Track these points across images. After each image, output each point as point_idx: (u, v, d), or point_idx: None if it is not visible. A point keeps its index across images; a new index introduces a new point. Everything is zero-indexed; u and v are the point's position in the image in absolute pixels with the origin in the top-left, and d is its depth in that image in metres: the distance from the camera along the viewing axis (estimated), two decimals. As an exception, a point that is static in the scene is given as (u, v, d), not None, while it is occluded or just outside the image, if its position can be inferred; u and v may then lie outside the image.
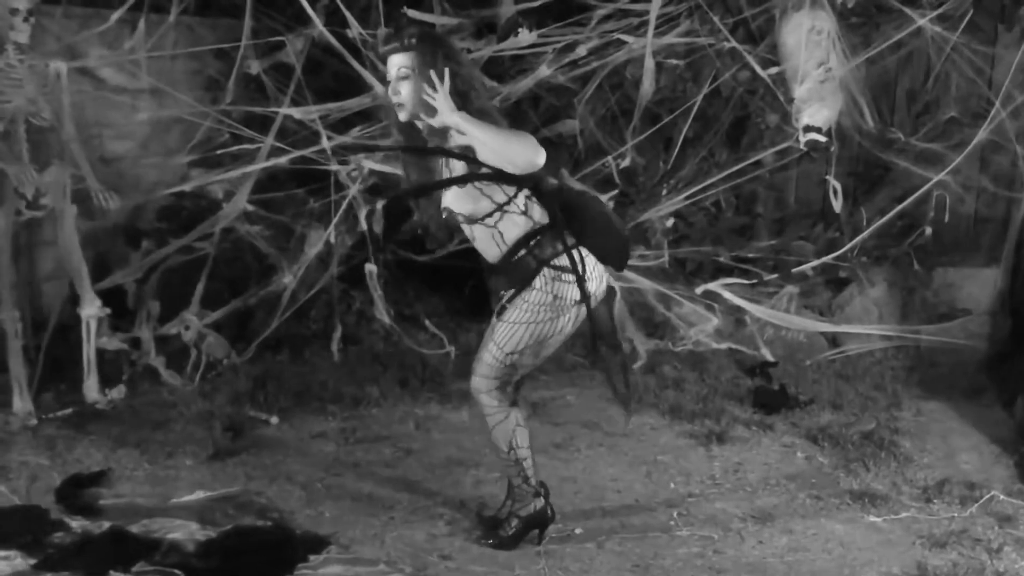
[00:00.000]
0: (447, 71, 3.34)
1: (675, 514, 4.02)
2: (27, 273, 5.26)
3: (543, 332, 3.52)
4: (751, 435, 4.89)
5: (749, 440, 4.83)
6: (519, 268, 3.54)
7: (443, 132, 3.44)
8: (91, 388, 5.04)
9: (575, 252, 3.47)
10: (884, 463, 4.48)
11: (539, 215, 3.51)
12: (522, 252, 3.51)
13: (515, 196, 3.46)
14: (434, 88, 3.32)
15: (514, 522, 3.74)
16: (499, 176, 3.38)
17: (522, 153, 3.30)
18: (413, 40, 3.41)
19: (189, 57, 6.09)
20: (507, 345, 3.53)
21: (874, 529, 3.91)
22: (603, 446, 4.75)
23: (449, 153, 3.46)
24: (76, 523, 3.70)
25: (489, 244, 3.55)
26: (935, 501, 4.15)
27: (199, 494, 4.04)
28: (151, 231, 5.74)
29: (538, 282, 3.51)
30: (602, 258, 3.61)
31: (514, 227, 3.50)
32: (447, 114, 3.31)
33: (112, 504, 3.92)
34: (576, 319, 3.57)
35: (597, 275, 3.59)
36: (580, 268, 3.47)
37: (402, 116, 3.48)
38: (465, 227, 3.61)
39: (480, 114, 3.38)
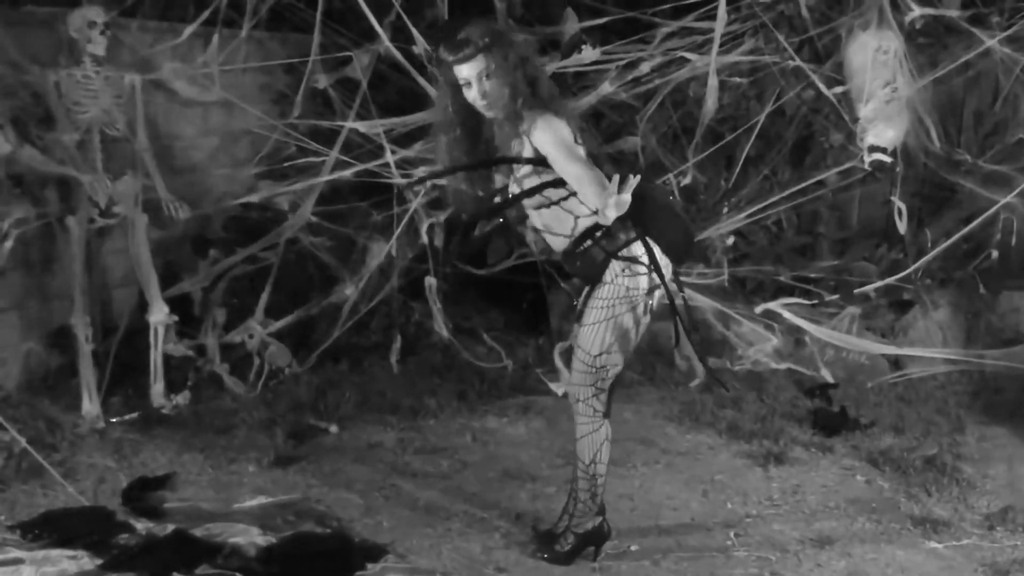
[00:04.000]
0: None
1: (732, 534, 4.01)
2: (99, 280, 5.39)
3: (623, 326, 3.56)
4: (810, 457, 4.85)
5: (808, 462, 4.79)
6: (587, 259, 3.57)
7: (513, 126, 3.48)
8: (158, 393, 5.16)
9: (644, 242, 3.50)
10: (946, 489, 4.42)
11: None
12: (588, 243, 3.54)
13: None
14: (510, 84, 3.41)
15: (571, 538, 3.75)
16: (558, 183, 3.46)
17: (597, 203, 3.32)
18: (486, 40, 3.46)
19: (259, 71, 6.23)
20: (593, 347, 3.57)
21: (935, 555, 3.86)
22: (659, 464, 4.74)
23: (515, 160, 3.51)
24: (141, 525, 3.79)
25: (560, 225, 3.57)
26: (998, 528, 4.08)
27: (261, 499, 4.11)
28: (218, 240, 5.86)
29: (608, 275, 3.54)
30: (666, 249, 3.61)
31: (582, 207, 3.50)
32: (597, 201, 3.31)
33: (176, 507, 4.01)
34: (650, 308, 3.60)
35: (664, 264, 3.58)
36: (651, 257, 3.49)
37: (489, 115, 3.52)
38: (533, 215, 3.64)
39: (549, 100, 3.47)
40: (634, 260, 3.53)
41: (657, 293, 3.62)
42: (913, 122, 5.81)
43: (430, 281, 5.49)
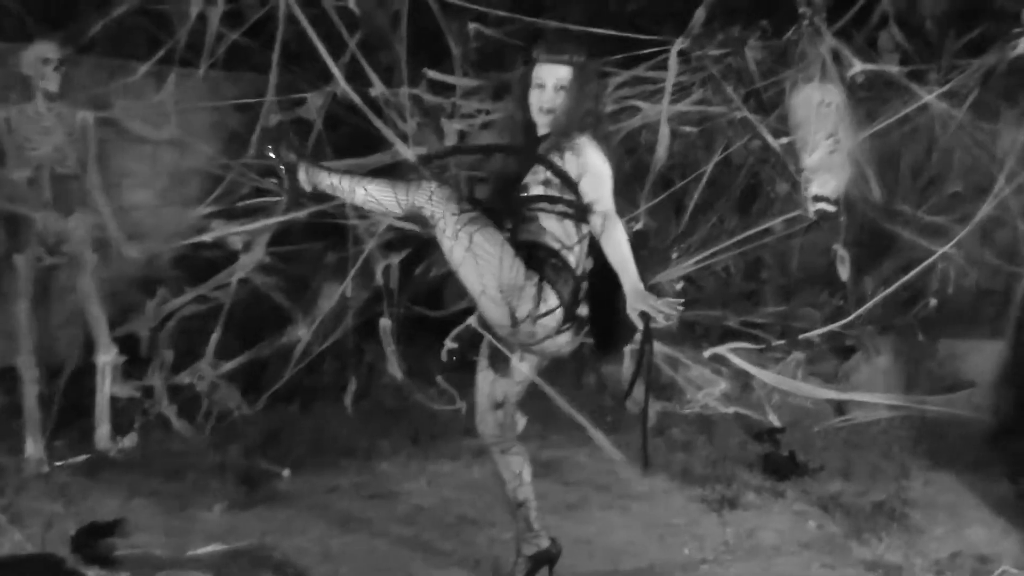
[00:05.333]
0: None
1: (689, 580, 4.04)
2: (43, 319, 5.27)
3: (489, 264, 3.37)
4: (762, 501, 4.91)
5: (761, 506, 4.85)
6: (531, 255, 3.48)
7: (559, 145, 3.48)
8: (103, 436, 5.06)
9: (559, 307, 3.45)
10: (896, 534, 4.50)
11: (582, 260, 3.54)
12: (542, 255, 3.48)
13: (583, 238, 3.52)
14: (580, 109, 3.46)
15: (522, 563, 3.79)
16: (579, 210, 3.46)
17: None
18: (581, 59, 3.49)
19: (210, 110, 6.19)
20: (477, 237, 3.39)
21: (888, 600, 3.94)
22: (614, 508, 4.76)
23: (551, 165, 3.48)
24: (93, 573, 3.70)
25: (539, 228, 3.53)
26: (946, 573, 4.16)
27: (215, 546, 4.03)
28: (166, 279, 5.78)
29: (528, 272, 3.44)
30: (597, 335, 3.59)
31: (568, 231, 3.51)
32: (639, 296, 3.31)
33: (128, 555, 3.91)
34: (494, 314, 3.48)
35: (539, 335, 3.49)
36: (544, 312, 3.41)
37: (544, 123, 3.52)
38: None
39: (603, 129, 3.56)
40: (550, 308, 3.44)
41: (529, 363, 3.65)
42: (854, 173, 6.01)
43: (385, 323, 5.48)
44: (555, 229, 3.50)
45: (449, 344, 3.87)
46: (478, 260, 3.38)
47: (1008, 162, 5.85)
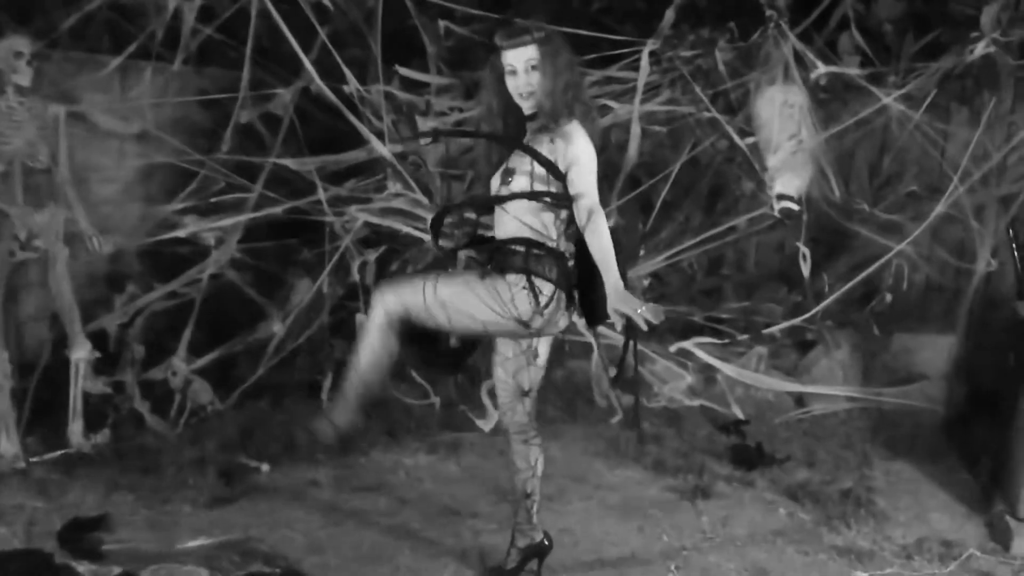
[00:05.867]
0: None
1: (672, 567, 4.15)
2: (13, 315, 5.20)
3: (473, 300, 3.53)
4: (733, 491, 5.04)
5: (732, 496, 4.98)
6: (508, 259, 3.59)
7: (544, 126, 3.55)
8: (76, 432, 5.00)
9: (555, 290, 3.56)
10: (864, 520, 4.66)
11: (564, 244, 3.62)
12: (521, 249, 3.57)
13: (566, 227, 3.60)
14: (555, 82, 3.50)
15: (513, 554, 3.88)
16: (560, 199, 3.53)
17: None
18: (542, 34, 3.54)
19: (174, 105, 6.14)
20: (443, 292, 3.54)
21: (863, 584, 4.09)
22: (593, 499, 4.86)
23: (536, 155, 3.54)
24: (83, 568, 3.70)
25: (516, 223, 3.60)
26: (915, 558, 4.33)
27: (202, 540, 4.05)
28: (135, 275, 5.74)
29: (510, 279, 3.55)
30: (587, 310, 3.69)
31: (545, 222, 3.58)
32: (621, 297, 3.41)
33: (116, 549, 3.91)
34: (508, 332, 3.63)
35: (551, 319, 3.61)
36: (545, 302, 3.54)
37: (528, 106, 3.57)
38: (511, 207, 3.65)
39: (586, 111, 3.60)
40: (535, 291, 3.54)
41: (545, 344, 3.75)
42: (815, 172, 6.18)
43: (361, 319, 5.49)
44: (534, 221, 3.57)
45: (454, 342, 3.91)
46: (459, 308, 3.52)
47: (963, 162, 6.08)
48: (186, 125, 6.23)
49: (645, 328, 3.37)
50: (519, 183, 3.60)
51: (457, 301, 3.54)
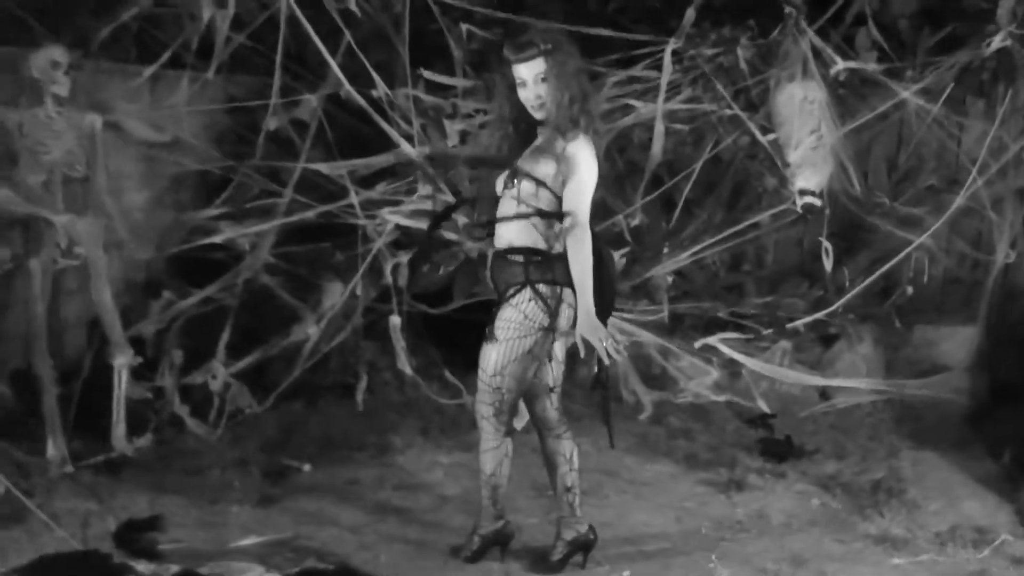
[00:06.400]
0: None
1: (713, 557, 4.23)
2: (55, 322, 5.29)
3: (515, 351, 3.72)
4: (765, 483, 5.13)
5: (764, 487, 5.07)
6: (508, 269, 3.74)
7: (555, 136, 3.66)
8: (120, 436, 5.08)
9: (560, 288, 3.69)
10: (896, 510, 4.74)
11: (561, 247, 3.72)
12: (520, 259, 3.71)
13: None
14: (570, 92, 3.62)
15: (560, 546, 3.98)
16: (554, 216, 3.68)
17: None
18: (549, 45, 3.64)
19: (202, 112, 6.22)
20: (488, 367, 3.77)
21: (900, 571, 4.18)
22: (628, 493, 4.95)
23: (534, 178, 3.69)
24: (143, 567, 3.77)
25: (515, 231, 3.76)
26: (949, 545, 4.41)
27: (253, 539, 4.13)
28: (171, 281, 5.82)
29: (515, 299, 3.71)
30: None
31: (544, 230, 3.71)
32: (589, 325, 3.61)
33: (171, 548, 3.99)
34: (544, 346, 3.77)
35: (566, 317, 3.75)
36: (555, 303, 3.68)
37: (538, 116, 3.71)
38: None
39: (594, 119, 3.75)
40: (543, 297, 3.69)
41: (560, 342, 3.84)
42: (836, 167, 6.26)
43: (395, 320, 5.58)
44: (532, 229, 3.72)
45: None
46: (513, 360, 3.74)
47: (981, 155, 6.16)
48: (216, 132, 6.34)
49: (607, 360, 3.60)
50: (525, 186, 3.74)
51: (508, 363, 3.72)
